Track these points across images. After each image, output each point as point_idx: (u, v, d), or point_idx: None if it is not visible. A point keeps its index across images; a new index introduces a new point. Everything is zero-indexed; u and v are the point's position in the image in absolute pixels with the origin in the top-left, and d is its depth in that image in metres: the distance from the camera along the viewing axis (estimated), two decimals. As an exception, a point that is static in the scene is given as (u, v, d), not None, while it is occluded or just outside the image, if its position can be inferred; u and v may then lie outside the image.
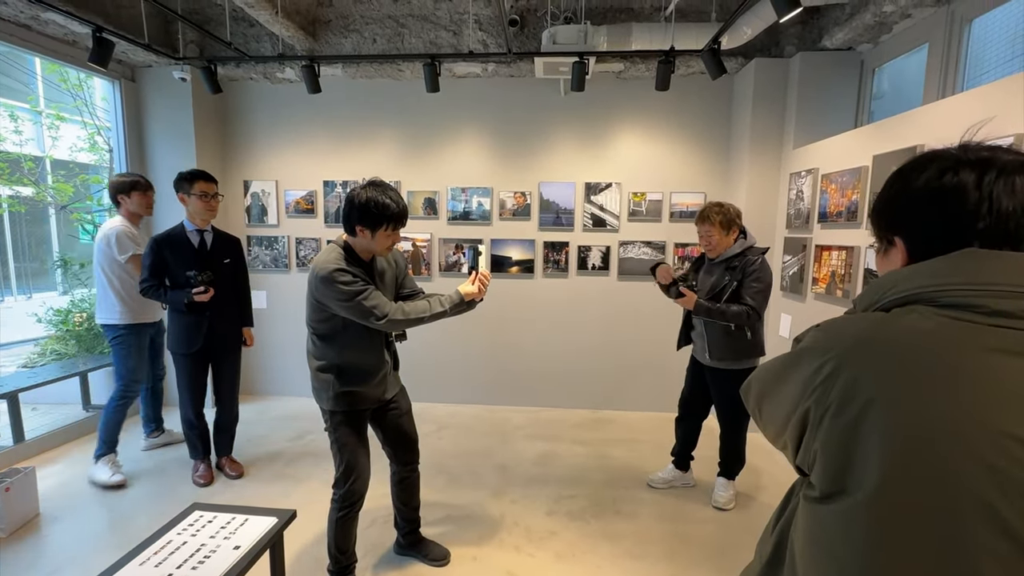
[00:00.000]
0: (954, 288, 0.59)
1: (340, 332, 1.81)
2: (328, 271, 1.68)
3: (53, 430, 3.25)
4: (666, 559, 2.21)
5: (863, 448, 0.58)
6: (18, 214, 5.52)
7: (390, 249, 1.82)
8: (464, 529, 2.41)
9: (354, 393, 1.85)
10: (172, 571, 1.41)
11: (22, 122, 5.56)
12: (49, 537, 2.32)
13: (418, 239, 3.97)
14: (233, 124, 4.03)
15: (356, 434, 1.90)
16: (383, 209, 1.69)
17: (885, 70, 3.10)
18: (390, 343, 1.97)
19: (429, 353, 4.06)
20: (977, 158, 0.63)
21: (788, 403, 0.68)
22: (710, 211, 2.41)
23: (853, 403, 0.59)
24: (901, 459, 0.56)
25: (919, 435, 0.55)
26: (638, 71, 3.57)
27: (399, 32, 3.53)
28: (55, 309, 4.35)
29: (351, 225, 1.72)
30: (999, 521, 0.52)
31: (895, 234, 0.70)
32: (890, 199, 0.71)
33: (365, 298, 1.69)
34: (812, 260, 2.97)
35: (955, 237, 0.62)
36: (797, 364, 0.68)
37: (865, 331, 0.63)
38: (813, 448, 0.64)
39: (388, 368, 1.95)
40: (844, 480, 0.60)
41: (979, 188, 0.61)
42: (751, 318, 2.34)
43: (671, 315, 3.49)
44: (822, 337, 0.67)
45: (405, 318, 1.74)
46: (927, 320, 0.59)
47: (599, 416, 3.89)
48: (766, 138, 3.39)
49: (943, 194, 0.63)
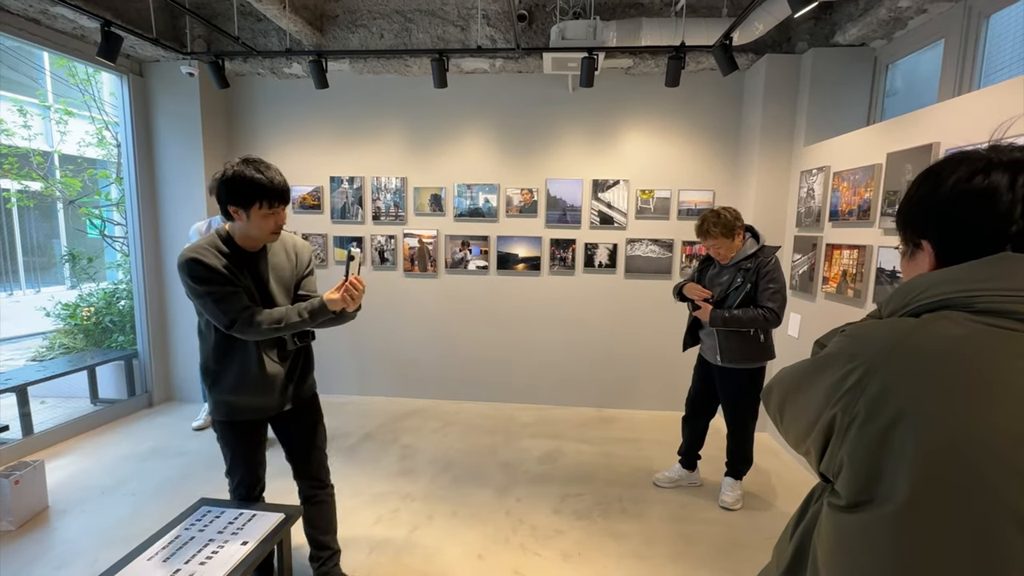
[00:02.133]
0: (989, 293, 0.58)
1: (211, 328, 1.61)
2: (183, 258, 1.50)
3: (62, 423, 3.27)
4: (673, 559, 2.19)
5: (893, 458, 0.57)
6: (27, 208, 5.55)
7: (275, 233, 1.59)
8: (470, 527, 2.40)
9: (229, 402, 1.65)
10: (180, 566, 1.41)
11: (31, 117, 5.58)
12: (58, 530, 2.33)
13: (424, 236, 3.96)
14: (240, 119, 4.03)
15: (240, 442, 1.72)
16: (251, 183, 1.47)
17: (899, 67, 3.05)
18: (283, 343, 1.69)
19: (434, 350, 4.06)
20: (1010, 159, 0.61)
21: (812, 410, 0.67)
22: (708, 225, 2.32)
23: (883, 413, 0.58)
24: (934, 470, 0.55)
25: (952, 446, 0.54)
26: (647, 67, 3.53)
27: (406, 27, 3.51)
28: (63, 303, 4.38)
29: (224, 207, 1.52)
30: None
31: (923, 237, 0.68)
32: (918, 201, 0.69)
33: (215, 299, 1.49)
34: (823, 259, 2.94)
35: (987, 241, 0.61)
36: (822, 371, 0.67)
37: (895, 338, 0.61)
38: (839, 456, 0.63)
39: (279, 377, 1.68)
40: (873, 490, 0.59)
41: (1012, 190, 0.59)
42: (770, 322, 2.30)
43: (678, 314, 3.46)
44: (849, 343, 0.66)
45: (254, 328, 1.51)
46: (960, 326, 0.58)
47: (605, 415, 3.88)
48: (777, 135, 3.35)
49: (974, 197, 0.62)
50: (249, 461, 1.77)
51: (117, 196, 4.74)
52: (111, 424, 3.51)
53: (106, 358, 3.73)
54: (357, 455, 3.10)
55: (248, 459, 1.76)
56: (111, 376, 3.90)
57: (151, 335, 3.83)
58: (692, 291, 2.45)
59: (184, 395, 3.99)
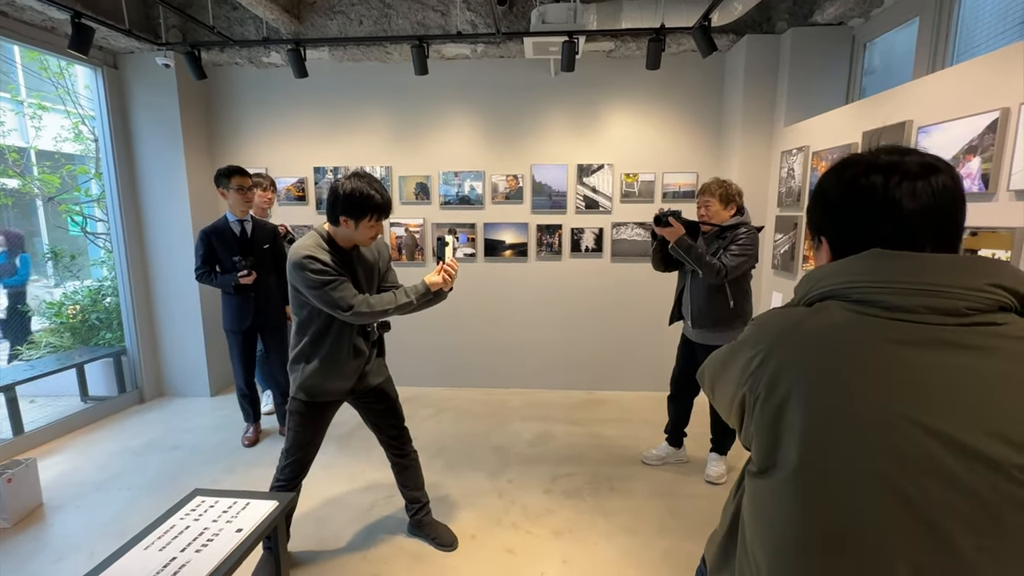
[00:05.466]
0: (861, 285, 0.65)
1: (312, 320, 1.83)
2: (299, 257, 1.71)
3: (52, 422, 3.27)
4: (660, 533, 2.27)
5: (787, 431, 0.65)
6: (5, 206, 5.44)
7: (373, 239, 1.83)
8: (463, 509, 2.46)
9: (317, 384, 1.87)
10: (176, 555, 1.44)
11: (3, 112, 5.45)
12: (54, 526, 2.35)
13: (411, 224, 3.96)
14: (220, 111, 3.97)
15: (310, 424, 1.94)
16: (367, 200, 1.71)
17: (876, 45, 3.08)
18: (369, 333, 1.96)
19: (426, 338, 4.08)
20: (887, 162, 0.68)
21: (729, 389, 0.76)
22: (713, 183, 2.49)
23: (777, 392, 0.66)
24: (814, 439, 0.63)
25: (829, 419, 0.62)
26: (628, 50, 3.53)
27: (386, 13, 3.46)
28: (47, 302, 4.33)
29: (335, 215, 1.75)
30: (899, 493, 0.58)
31: (821, 233, 0.77)
32: (815, 200, 0.77)
33: (333, 288, 1.71)
34: (803, 238, 2.99)
35: (865, 237, 0.68)
36: (735, 355, 0.76)
37: (787, 325, 0.70)
38: (750, 430, 0.71)
39: (363, 360, 1.94)
40: (774, 457, 0.67)
41: (885, 190, 0.66)
42: (719, 273, 2.36)
43: (663, 296, 3.51)
44: (754, 330, 0.74)
45: (370, 310, 1.75)
46: (838, 314, 0.66)
47: (594, 397, 3.94)
48: (758, 116, 3.38)
49: (854, 197, 0.69)
50: (311, 442, 1.98)
51: (97, 192, 4.67)
52: (102, 421, 3.51)
53: (94, 356, 3.72)
54: (351, 443, 3.14)
55: (311, 440, 1.97)
56: (100, 373, 3.88)
57: (139, 331, 3.81)
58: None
59: (176, 390, 3.99)
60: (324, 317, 1.82)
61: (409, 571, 2.05)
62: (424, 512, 2.25)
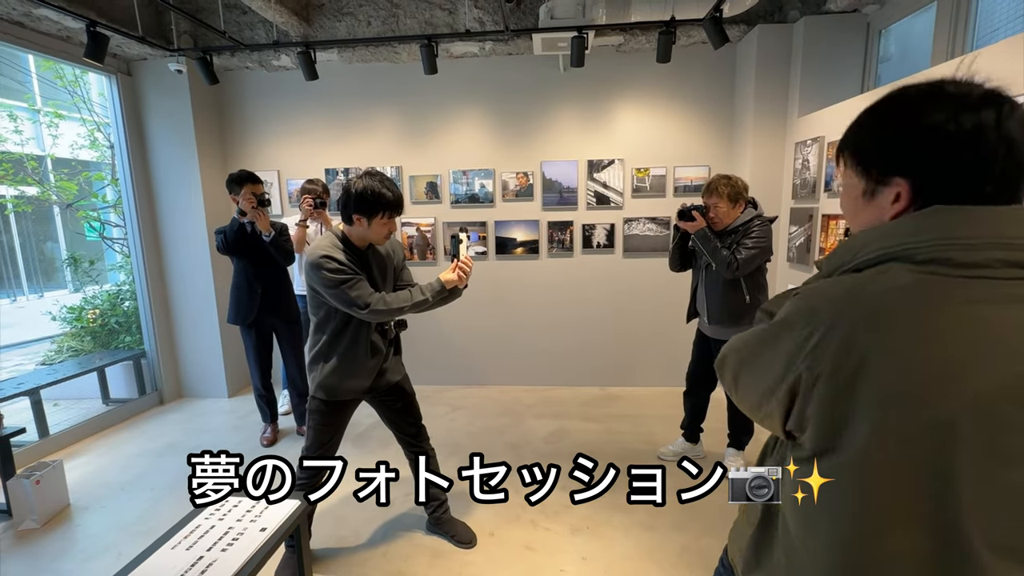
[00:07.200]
0: (928, 244, 0.60)
1: (330, 320, 1.86)
2: (316, 257, 1.73)
3: (76, 424, 3.34)
4: (678, 528, 2.26)
5: (858, 404, 0.60)
6: (24, 214, 5.56)
7: (387, 237, 1.86)
8: (481, 506, 2.46)
9: (336, 382, 1.89)
10: (203, 553, 1.46)
11: (21, 122, 5.55)
12: (81, 526, 2.40)
13: (422, 224, 3.97)
14: (232, 114, 4.01)
15: (330, 423, 1.96)
16: (379, 197, 1.74)
17: (892, 32, 3.02)
18: (386, 331, 1.98)
19: (439, 338, 4.10)
20: (987, 92, 0.60)
21: (771, 375, 0.69)
22: (718, 183, 2.42)
23: (847, 364, 0.60)
24: (892, 411, 0.58)
25: (907, 389, 0.58)
26: (638, 43, 3.50)
27: (393, 13, 3.47)
28: (68, 307, 4.41)
29: (348, 214, 1.78)
30: (984, 463, 0.55)
31: (898, 175, 0.65)
32: (894, 135, 0.66)
33: (350, 287, 1.73)
34: (819, 230, 2.95)
35: (970, 180, 0.60)
36: (778, 336, 0.68)
37: (843, 292, 0.64)
38: (806, 413, 0.65)
39: (380, 358, 1.96)
40: (837, 438, 0.62)
41: (998, 128, 0.58)
42: (730, 267, 2.36)
43: (677, 291, 3.49)
44: (805, 304, 0.67)
45: (387, 308, 1.77)
46: (904, 277, 0.60)
47: (608, 393, 3.93)
48: (771, 107, 3.33)
49: (964, 134, 0.59)
50: (331, 441, 1.99)
51: (114, 198, 4.74)
52: (124, 423, 3.58)
53: (114, 359, 3.78)
54: (368, 442, 3.17)
55: (331, 439, 1.99)
56: (121, 376, 3.95)
57: (157, 334, 3.87)
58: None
59: (195, 391, 4.05)
60: (341, 316, 1.84)
61: (429, 568, 2.07)
62: (443, 509, 2.27)
